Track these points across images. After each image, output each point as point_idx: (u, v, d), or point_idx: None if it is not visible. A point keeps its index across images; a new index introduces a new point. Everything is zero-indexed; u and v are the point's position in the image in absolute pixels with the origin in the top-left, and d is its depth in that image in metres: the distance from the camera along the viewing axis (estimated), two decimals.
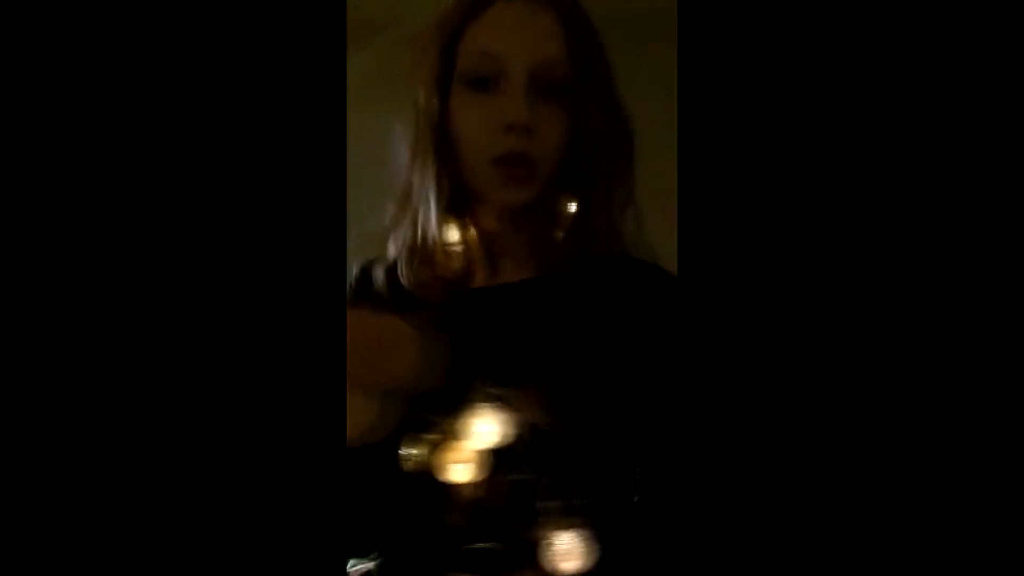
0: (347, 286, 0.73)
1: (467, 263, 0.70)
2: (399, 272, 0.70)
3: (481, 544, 0.60)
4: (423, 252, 0.69)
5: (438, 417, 0.61)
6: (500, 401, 0.61)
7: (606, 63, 0.69)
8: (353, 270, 0.75)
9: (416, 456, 0.61)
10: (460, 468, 0.60)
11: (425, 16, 0.71)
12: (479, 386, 0.61)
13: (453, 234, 0.69)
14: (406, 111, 0.70)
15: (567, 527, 0.59)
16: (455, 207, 0.68)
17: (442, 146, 0.67)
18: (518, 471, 0.61)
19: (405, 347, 0.61)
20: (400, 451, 0.61)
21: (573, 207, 0.69)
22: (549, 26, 0.65)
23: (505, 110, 0.63)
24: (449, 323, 0.65)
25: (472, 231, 0.70)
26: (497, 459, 0.61)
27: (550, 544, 0.59)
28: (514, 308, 0.68)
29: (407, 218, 0.70)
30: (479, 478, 0.61)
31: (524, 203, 0.67)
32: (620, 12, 0.71)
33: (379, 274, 0.72)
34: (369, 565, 0.63)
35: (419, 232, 0.69)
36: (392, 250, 0.72)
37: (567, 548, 0.59)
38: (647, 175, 0.74)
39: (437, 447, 0.61)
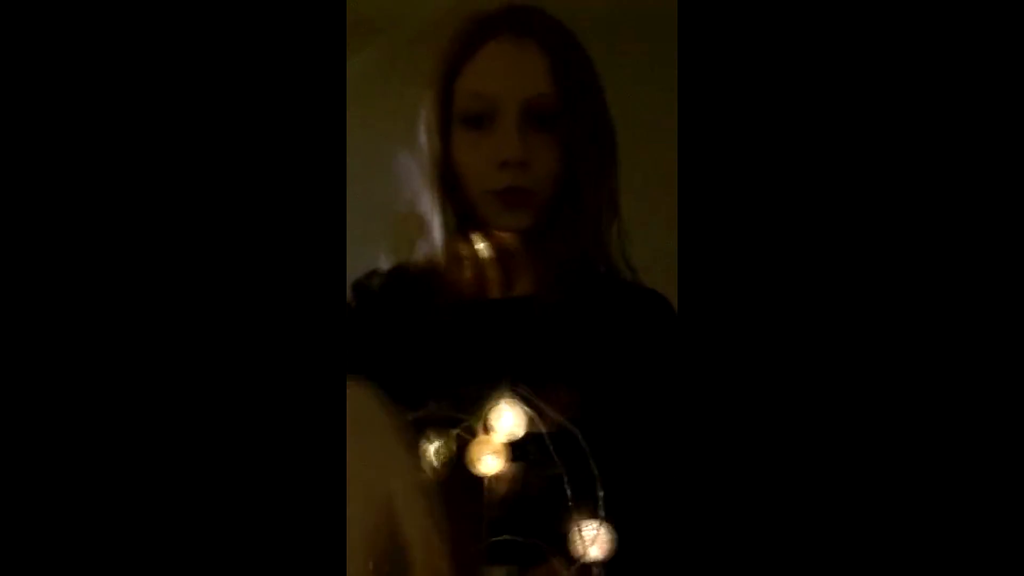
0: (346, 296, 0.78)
1: (478, 277, 0.75)
2: (414, 282, 0.75)
3: (510, 536, 0.62)
4: (436, 269, 0.74)
5: (464, 415, 0.63)
6: (525, 399, 0.64)
7: (596, 88, 0.74)
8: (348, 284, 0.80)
9: (443, 451, 0.63)
10: (490, 460, 0.62)
11: (423, 19, 0.74)
12: (505, 385, 0.64)
13: (463, 252, 0.75)
14: (412, 145, 0.76)
15: (592, 517, 0.62)
16: (464, 229, 0.74)
17: (446, 180, 0.73)
18: (546, 464, 0.63)
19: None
20: (427, 447, 0.63)
21: (569, 225, 0.74)
22: (536, 62, 0.70)
23: (499, 147, 0.69)
24: (468, 331, 0.71)
25: (480, 250, 0.75)
26: (522, 452, 0.64)
27: (578, 531, 0.61)
28: (526, 317, 0.73)
29: (418, 237, 0.76)
30: (508, 469, 0.63)
31: (526, 227, 0.72)
32: (621, 12, 0.72)
33: (386, 285, 0.78)
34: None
35: (432, 252, 0.74)
36: (388, 264, 0.78)
37: (593, 535, 0.62)
38: (647, 176, 0.76)
39: (468, 443, 0.63)
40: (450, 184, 0.72)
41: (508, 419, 0.63)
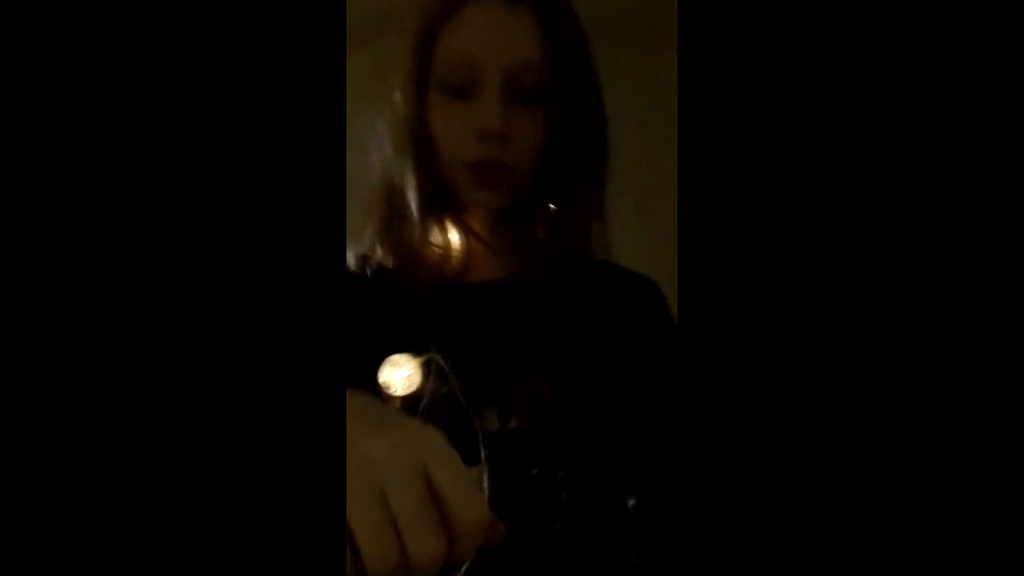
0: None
1: (452, 259, 0.69)
2: (382, 264, 0.69)
3: None
4: (409, 247, 0.68)
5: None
6: (506, 389, 0.61)
7: (590, 66, 0.67)
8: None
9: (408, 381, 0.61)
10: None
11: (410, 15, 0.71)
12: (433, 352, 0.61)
13: (437, 230, 0.69)
14: (386, 110, 0.70)
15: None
16: (438, 205, 0.68)
17: (421, 147, 0.66)
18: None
19: None
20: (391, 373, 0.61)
21: (550, 209, 0.68)
22: (526, 28, 0.63)
23: (478, 116, 0.62)
24: (440, 318, 0.65)
25: (455, 228, 0.69)
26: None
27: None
28: (502, 303, 0.68)
29: (388, 214, 0.70)
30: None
31: (497, 207, 0.67)
32: (620, 13, 0.71)
33: (365, 267, 0.72)
34: None
35: (403, 228, 0.68)
36: (368, 244, 0.72)
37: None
38: (646, 179, 0.75)
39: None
40: (424, 153, 0.66)
41: (402, 373, 0.60)
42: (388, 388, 0.61)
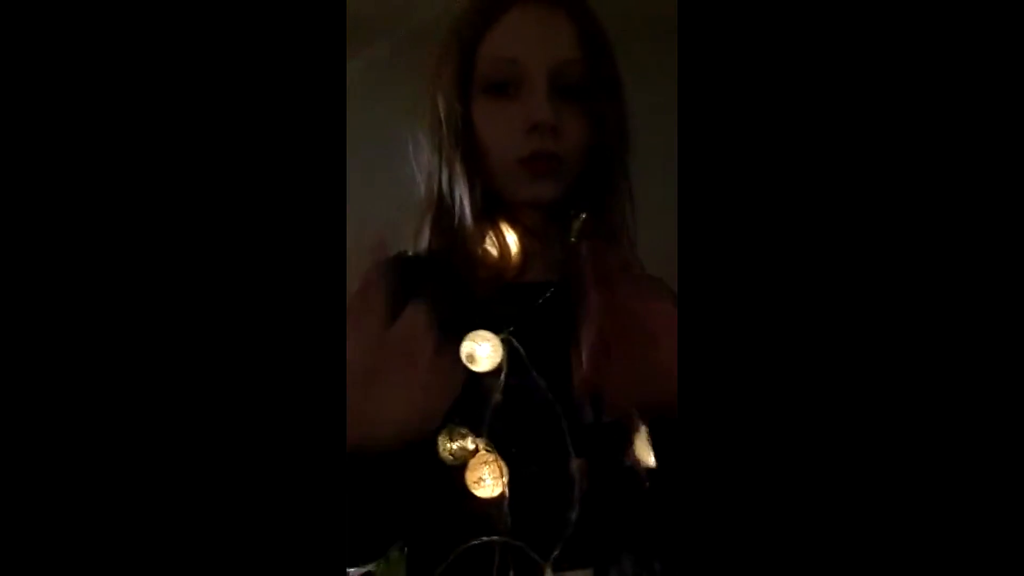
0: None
1: (508, 259, 0.72)
2: (443, 265, 0.72)
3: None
4: (464, 251, 0.71)
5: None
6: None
7: (616, 64, 0.71)
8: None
9: (459, 453, 0.63)
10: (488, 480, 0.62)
11: (429, 18, 0.72)
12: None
13: (491, 232, 0.71)
14: (425, 118, 0.72)
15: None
16: (489, 207, 0.71)
17: (468, 152, 0.69)
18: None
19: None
20: (445, 443, 0.63)
21: (591, 210, 0.72)
22: (564, 28, 0.67)
23: (529, 112, 0.66)
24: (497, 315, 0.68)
25: (509, 229, 0.72)
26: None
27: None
28: (559, 301, 0.70)
29: (439, 220, 0.72)
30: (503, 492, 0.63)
31: (551, 199, 0.69)
32: (620, 13, 0.72)
33: (411, 268, 0.74)
34: (370, 567, 0.63)
35: (457, 232, 0.71)
36: (423, 245, 0.74)
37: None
38: (643, 181, 0.75)
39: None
40: (473, 155, 0.69)
41: (485, 348, 0.64)
42: (471, 361, 0.64)
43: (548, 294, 0.70)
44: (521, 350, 0.66)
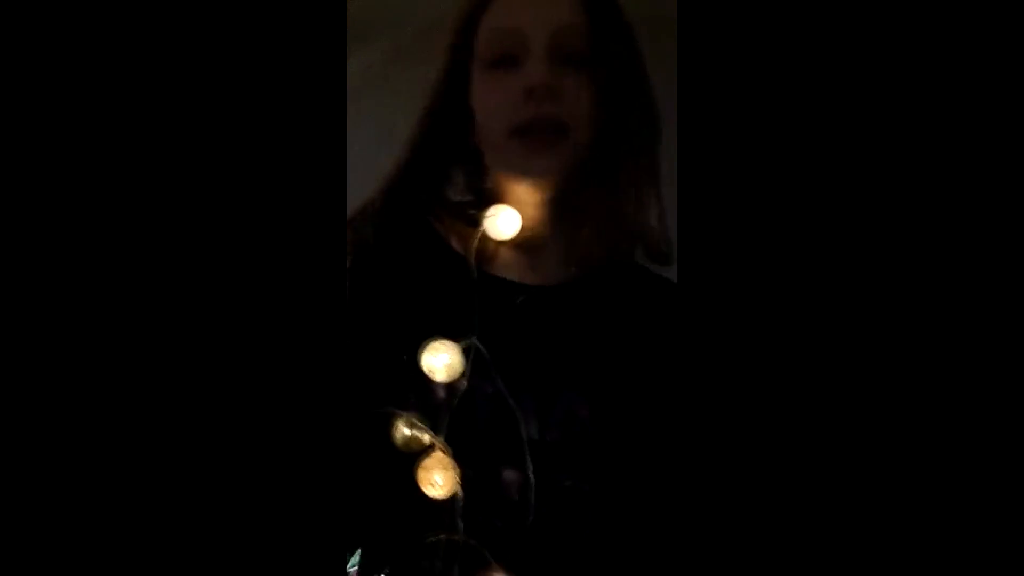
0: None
1: (494, 247, 0.67)
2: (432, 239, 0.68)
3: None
4: (453, 228, 0.67)
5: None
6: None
7: (631, 38, 0.66)
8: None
9: (412, 443, 0.61)
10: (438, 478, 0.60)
11: (429, 19, 0.71)
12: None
13: (481, 214, 0.66)
14: (417, 92, 0.68)
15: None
16: (483, 185, 0.67)
17: (461, 125, 0.65)
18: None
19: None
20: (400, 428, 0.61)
21: (600, 198, 0.66)
22: None
23: (526, 76, 0.61)
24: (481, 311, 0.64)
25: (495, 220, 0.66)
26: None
27: None
28: (548, 308, 0.66)
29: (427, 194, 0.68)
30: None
31: (554, 175, 0.64)
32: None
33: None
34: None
35: (446, 210, 0.67)
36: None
37: None
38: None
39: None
40: (468, 128, 0.65)
41: (435, 359, 0.60)
42: (431, 374, 0.61)
43: (520, 299, 0.65)
44: (486, 355, 0.61)
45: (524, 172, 0.64)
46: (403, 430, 0.61)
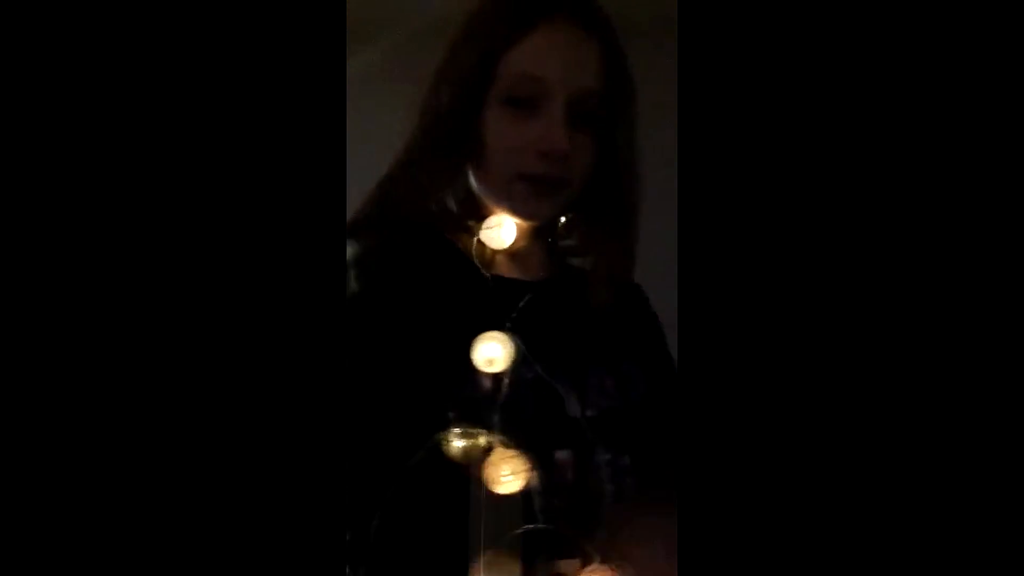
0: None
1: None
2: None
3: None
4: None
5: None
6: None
7: (636, 98, 0.72)
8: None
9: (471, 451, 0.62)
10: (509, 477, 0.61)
11: (429, 18, 0.72)
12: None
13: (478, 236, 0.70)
14: (427, 112, 0.71)
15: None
16: (473, 209, 0.71)
17: (466, 151, 0.69)
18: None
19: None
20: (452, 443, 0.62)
21: (588, 234, 0.74)
22: (592, 56, 0.67)
23: (543, 137, 0.65)
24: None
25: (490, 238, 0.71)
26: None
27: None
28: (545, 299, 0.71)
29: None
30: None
31: (546, 218, 0.71)
32: (620, 13, 0.71)
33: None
34: None
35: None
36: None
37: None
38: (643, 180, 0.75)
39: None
40: (474, 159, 0.69)
41: (493, 348, 0.62)
42: (491, 364, 0.62)
43: (525, 300, 0.69)
44: (521, 345, 0.64)
45: (519, 213, 0.70)
46: (455, 443, 0.61)
